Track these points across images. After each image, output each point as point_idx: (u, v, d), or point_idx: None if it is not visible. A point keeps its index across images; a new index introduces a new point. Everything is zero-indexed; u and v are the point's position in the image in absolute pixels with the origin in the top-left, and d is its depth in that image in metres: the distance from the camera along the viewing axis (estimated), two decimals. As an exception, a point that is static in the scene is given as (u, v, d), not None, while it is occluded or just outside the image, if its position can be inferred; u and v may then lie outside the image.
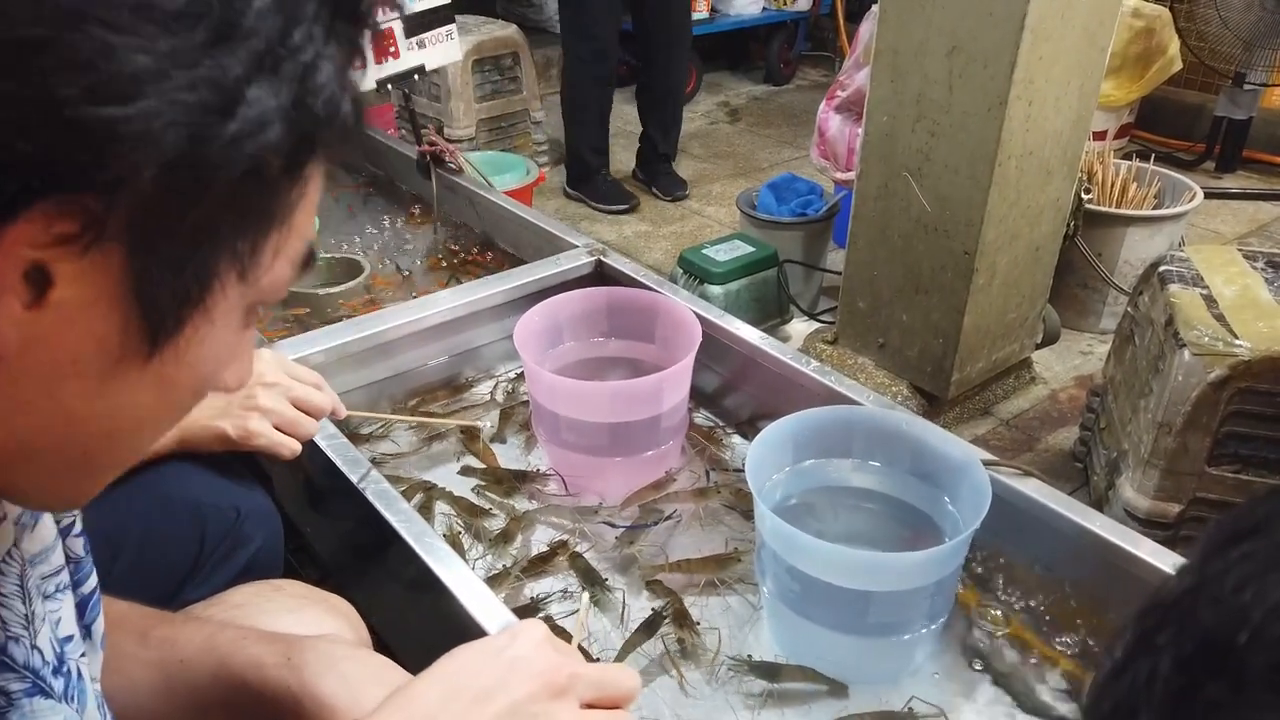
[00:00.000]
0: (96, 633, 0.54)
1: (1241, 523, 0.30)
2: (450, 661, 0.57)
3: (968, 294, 1.77)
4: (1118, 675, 0.30)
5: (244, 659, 0.66)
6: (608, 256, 1.50)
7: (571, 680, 0.56)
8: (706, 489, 1.24)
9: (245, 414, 0.93)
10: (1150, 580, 0.95)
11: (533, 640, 0.57)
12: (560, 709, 0.55)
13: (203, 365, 0.40)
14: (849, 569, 0.96)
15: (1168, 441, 1.47)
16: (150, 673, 0.67)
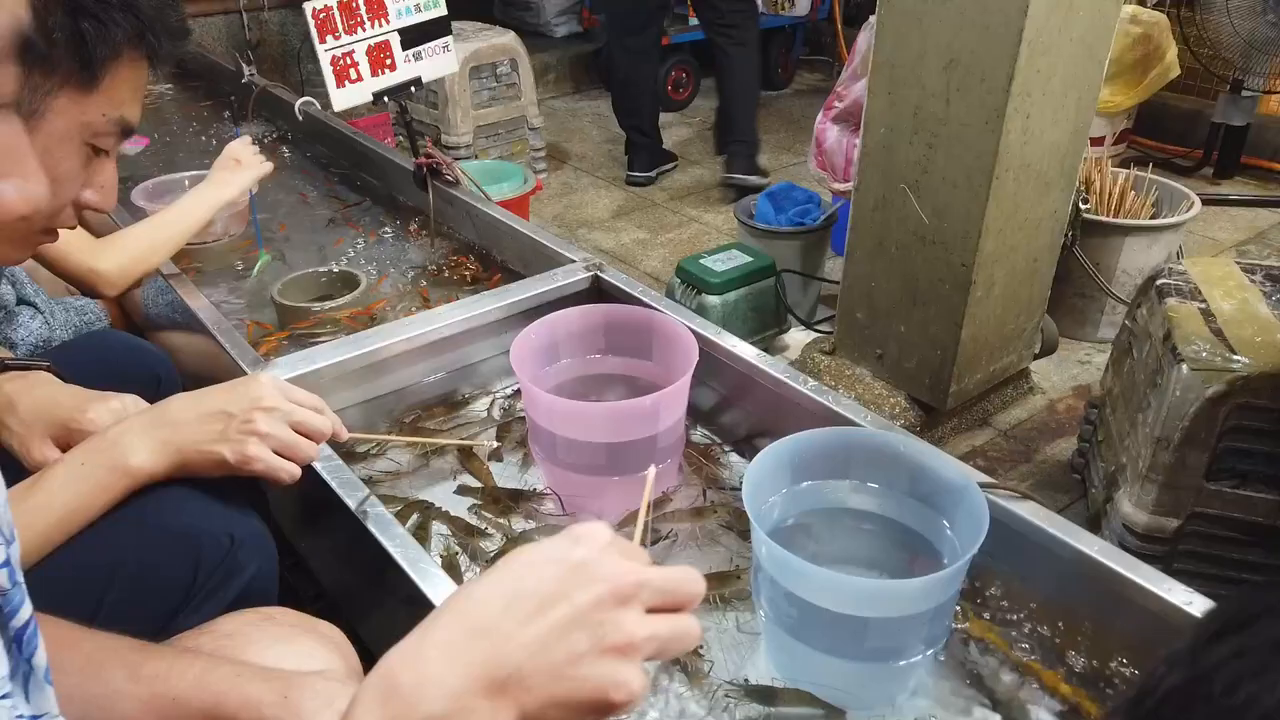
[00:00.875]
0: (39, 665, 0.52)
1: (1233, 615, 0.29)
2: (512, 566, 0.54)
3: (965, 306, 1.77)
4: None
5: (239, 698, 0.65)
6: (604, 271, 1.50)
7: (637, 587, 0.52)
8: (704, 508, 1.24)
9: (243, 438, 0.92)
10: (1147, 606, 0.95)
11: (598, 544, 0.54)
12: (625, 616, 0.52)
13: None
14: (846, 595, 0.95)
15: (1166, 456, 1.47)
16: (142, 709, 0.67)
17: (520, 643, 0.51)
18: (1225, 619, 0.29)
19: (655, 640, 0.52)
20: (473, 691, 0.49)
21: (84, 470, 0.88)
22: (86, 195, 0.80)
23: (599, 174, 3.38)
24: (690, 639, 0.55)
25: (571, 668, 0.50)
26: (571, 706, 0.51)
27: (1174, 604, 0.94)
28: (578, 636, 0.51)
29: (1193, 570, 1.51)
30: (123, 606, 0.87)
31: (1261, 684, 0.26)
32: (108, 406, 0.99)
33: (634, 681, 0.51)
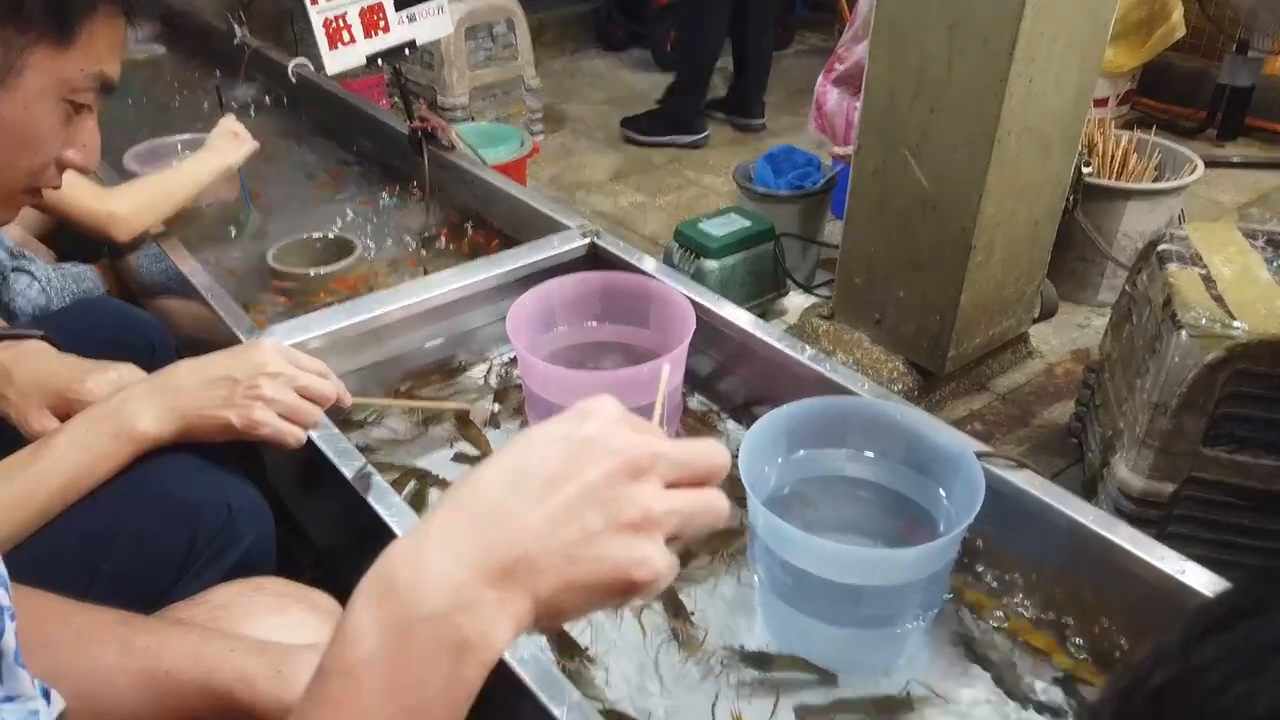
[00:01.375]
0: (7, 649, 0.50)
1: (1227, 611, 0.29)
2: (517, 446, 0.50)
3: (965, 271, 1.76)
4: None
5: (232, 671, 0.65)
6: (601, 238, 1.49)
7: (653, 459, 0.49)
8: None
9: (249, 404, 0.92)
10: (1141, 574, 0.96)
11: (608, 417, 0.50)
12: (640, 490, 0.48)
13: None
14: (841, 564, 0.96)
15: (1163, 422, 1.47)
16: (135, 683, 0.66)
17: (528, 525, 0.47)
18: (1218, 614, 0.29)
19: (676, 515, 0.49)
20: (478, 582, 0.46)
21: (88, 437, 0.89)
22: (69, 154, 0.80)
23: (597, 135, 3.35)
24: (716, 513, 0.51)
25: (586, 548, 0.47)
26: (590, 589, 0.47)
27: (1167, 572, 0.94)
28: (591, 514, 0.47)
29: (1187, 534, 1.52)
30: (120, 574, 0.88)
31: (1253, 685, 0.25)
32: (105, 377, 0.99)
33: (656, 558, 0.48)
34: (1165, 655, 0.29)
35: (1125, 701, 0.29)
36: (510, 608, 0.46)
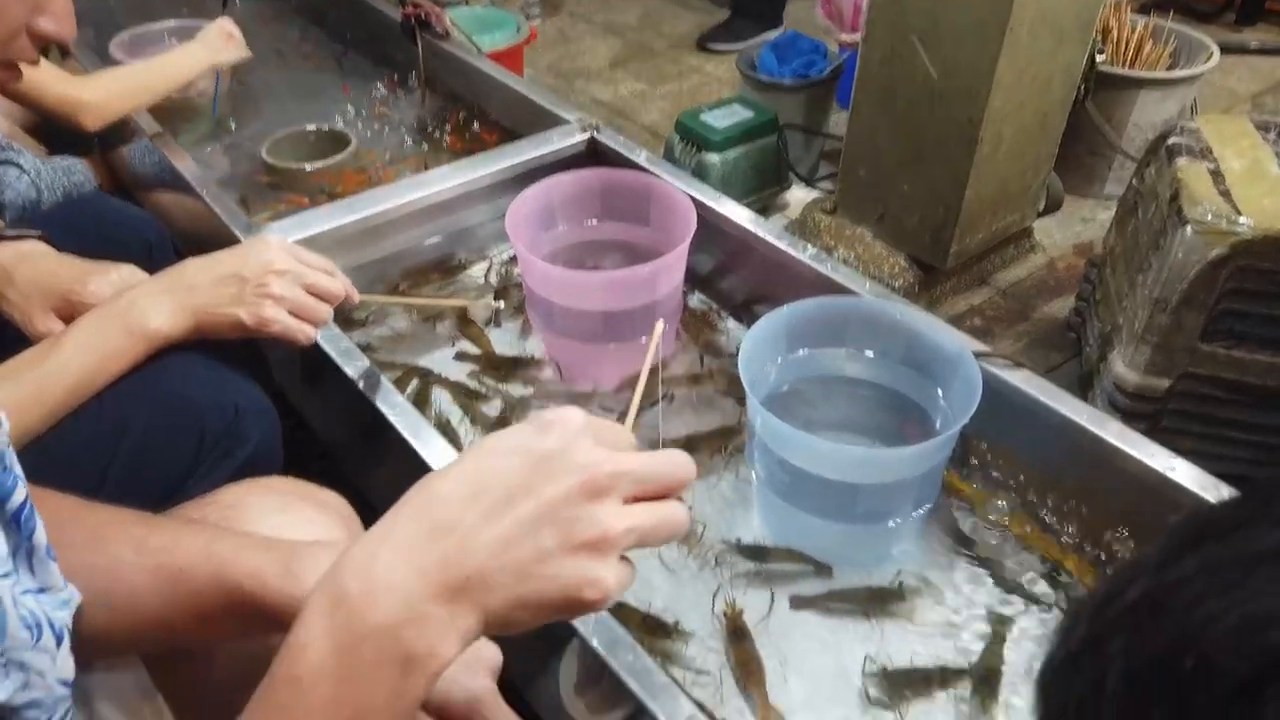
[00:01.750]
0: (39, 543, 0.51)
1: (1206, 525, 0.29)
2: (476, 457, 0.49)
3: (971, 164, 1.73)
4: (1070, 667, 0.29)
5: (244, 568, 0.66)
6: (601, 133, 1.46)
7: (613, 479, 0.48)
8: (700, 375, 1.25)
9: (259, 301, 0.92)
10: (1132, 471, 0.97)
11: (569, 431, 0.49)
12: (599, 510, 0.48)
13: None
14: (838, 463, 0.98)
15: (1162, 318, 1.47)
16: (149, 579, 0.68)
17: (481, 541, 0.47)
18: (1197, 529, 0.29)
19: (635, 533, 0.49)
20: (428, 597, 0.46)
21: (98, 336, 0.89)
22: (40, 22, 0.76)
23: (595, 20, 3.24)
24: (676, 527, 0.51)
25: (539, 566, 0.47)
26: (540, 606, 0.48)
27: (1157, 469, 0.96)
28: (546, 533, 0.47)
29: (1180, 429, 1.54)
30: (129, 475, 0.89)
31: (1224, 601, 0.25)
32: (107, 279, 0.99)
33: (607, 578, 0.48)
34: (1143, 569, 0.29)
35: (1100, 614, 0.29)
36: (459, 623, 0.46)
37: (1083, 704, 0.27)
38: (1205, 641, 0.25)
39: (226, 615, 0.66)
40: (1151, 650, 0.26)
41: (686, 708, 0.75)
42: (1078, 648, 0.29)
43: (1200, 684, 0.24)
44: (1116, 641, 0.27)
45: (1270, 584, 0.25)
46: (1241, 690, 0.23)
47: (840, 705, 0.94)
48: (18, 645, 0.47)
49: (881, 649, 0.98)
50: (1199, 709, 0.24)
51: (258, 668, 0.78)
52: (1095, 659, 0.27)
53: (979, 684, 0.95)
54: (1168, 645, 0.26)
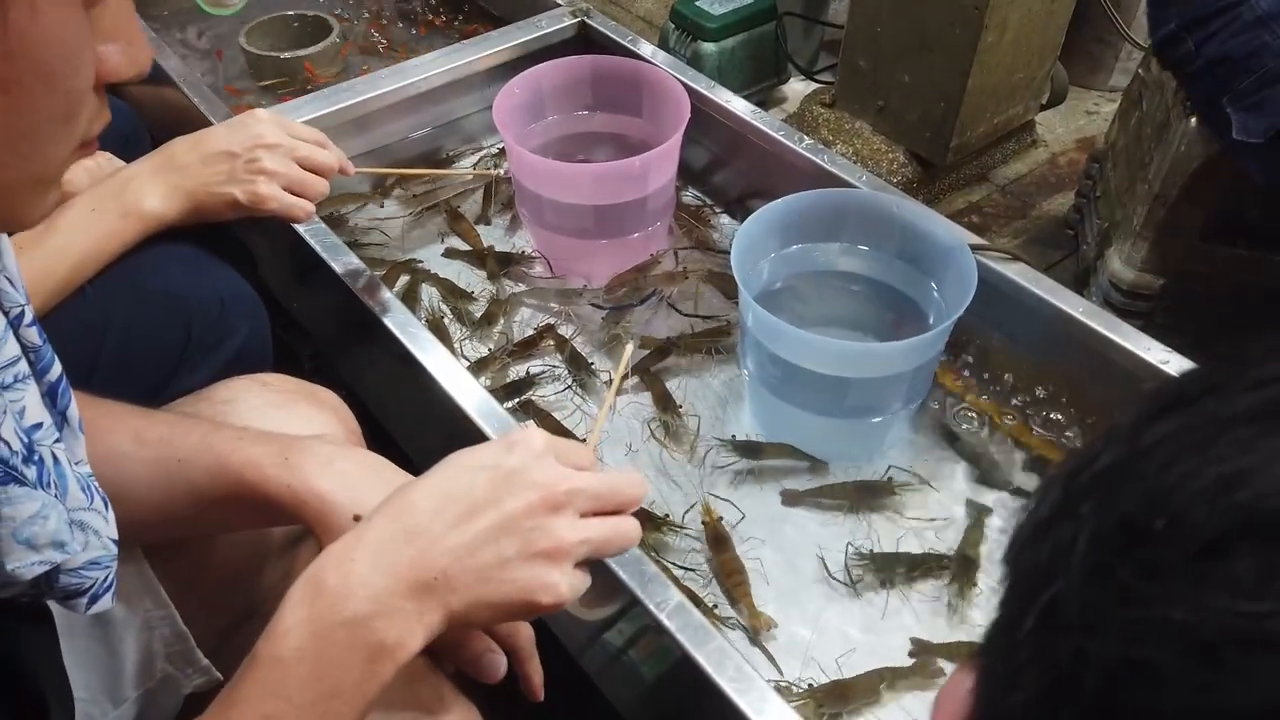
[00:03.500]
0: (73, 418, 0.54)
1: (1179, 392, 0.28)
2: (447, 471, 0.56)
3: (974, 53, 1.67)
4: (1040, 533, 0.29)
5: (241, 458, 0.67)
6: (591, 17, 1.40)
7: (570, 496, 0.55)
8: (675, 273, 1.23)
9: (252, 178, 0.90)
10: (1126, 365, 0.97)
11: (531, 451, 0.56)
12: (556, 522, 0.54)
13: (36, 53, 0.39)
14: (829, 357, 0.97)
15: (1161, 213, 1.45)
16: (149, 470, 0.69)
17: (447, 546, 0.52)
18: (1171, 395, 0.29)
19: (588, 544, 0.55)
20: (398, 592, 0.51)
21: (95, 216, 0.87)
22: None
23: (587, -100, 3.09)
24: (627, 540, 0.57)
25: (498, 571, 0.53)
26: (498, 607, 0.53)
27: (1151, 363, 0.96)
28: (505, 542, 0.53)
29: (1174, 326, 1.54)
30: (116, 371, 0.89)
31: (1195, 462, 0.25)
32: (83, 167, 0.96)
33: (561, 584, 0.54)
34: (1114, 436, 0.28)
35: (1072, 481, 0.29)
36: (425, 618, 0.52)
37: (1050, 568, 0.27)
38: (1175, 502, 0.25)
39: (225, 505, 0.67)
40: (1121, 512, 0.26)
41: (676, 596, 0.76)
42: (1048, 514, 0.29)
43: (1170, 542, 0.24)
44: (1087, 506, 0.27)
45: (1241, 444, 0.25)
46: (1211, 547, 0.24)
47: (825, 594, 0.96)
48: (78, 506, 0.51)
49: (868, 541, 0.99)
50: (1168, 567, 0.24)
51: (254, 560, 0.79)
52: (1065, 524, 0.27)
53: (958, 568, 0.96)
54: (1138, 507, 0.26)
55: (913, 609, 0.95)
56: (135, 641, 0.70)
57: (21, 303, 0.50)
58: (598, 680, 0.92)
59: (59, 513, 0.49)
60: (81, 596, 0.52)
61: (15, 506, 0.47)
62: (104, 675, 0.67)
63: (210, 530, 0.75)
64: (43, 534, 0.48)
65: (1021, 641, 0.27)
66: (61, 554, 0.50)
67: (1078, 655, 0.25)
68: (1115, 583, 0.25)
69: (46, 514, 0.48)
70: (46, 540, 0.49)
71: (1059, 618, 0.26)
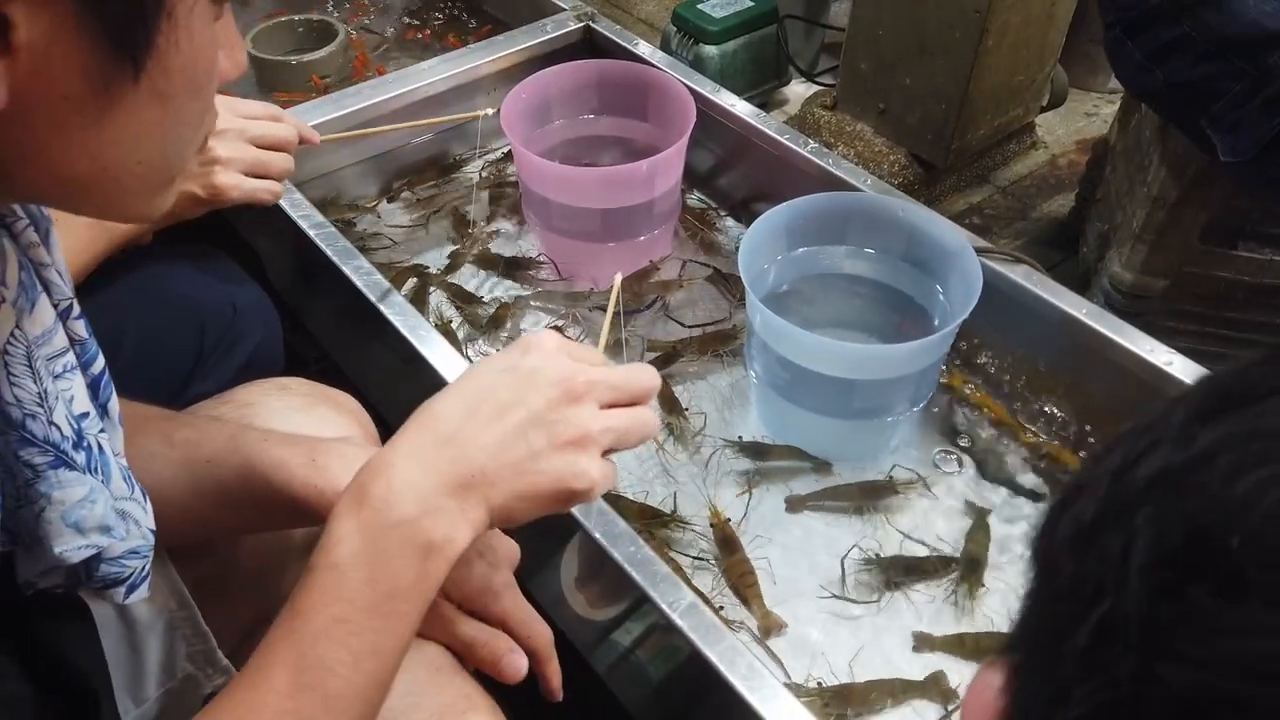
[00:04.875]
0: (113, 411, 0.56)
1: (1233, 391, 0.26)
2: (469, 379, 0.58)
3: (975, 56, 1.68)
4: (1084, 537, 0.27)
5: (269, 460, 0.67)
6: (597, 22, 1.41)
7: (589, 386, 0.57)
8: (669, 282, 1.24)
9: (207, 170, 0.87)
10: (1129, 367, 0.98)
11: (546, 350, 0.58)
12: (579, 412, 0.56)
13: (190, 68, 0.42)
14: (836, 360, 0.98)
15: (1160, 216, 1.46)
16: (178, 471, 0.69)
17: (481, 445, 0.55)
18: (1224, 394, 0.26)
19: (611, 432, 0.57)
20: (440, 491, 0.54)
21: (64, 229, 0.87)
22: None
23: (588, -97, 3.10)
24: (647, 428, 0.59)
25: (531, 463, 0.55)
26: (535, 498, 0.56)
27: (1154, 364, 0.97)
28: (534, 435, 0.55)
29: (1175, 328, 1.55)
30: (132, 376, 0.89)
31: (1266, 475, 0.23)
32: None
33: (592, 470, 0.56)
34: (1163, 435, 0.26)
35: (1118, 482, 0.27)
36: (469, 514, 0.54)
37: (1101, 580, 0.25)
38: (1249, 520, 0.23)
39: (253, 505, 0.68)
40: (1186, 526, 0.24)
41: (688, 596, 0.77)
42: (1093, 520, 0.27)
43: (1249, 563, 0.23)
44: (1141, 516, 0.25)
45: None
46: None
47: (831, 596, 0.97)
48: (121, 495, 0.53)
49: (873, 541, 1.00)
50: (1249, 590, 0.23)
51: (275, 561, 0.80)
52: (1114, 532, 0.26)
53: (965, 570, 0.97)
54: (1205, 522, 0.24)
55: (918, 610, 0.96)
56: (158, 641, 0.71)
57: (69, 296, 0.52)
58: (607, 679, 0.93)
59: (105, 498, 0.51)
60: (120, 585, 0.54)
61: (65, 490, 0.49)
62: (127, 675, 0.68)
63: (237, 531, 0.76)
64: (90, 518, 0.50)
65: (1071, 656, 0.26)
66: (108, 538, 0.51)
67: (1142, 676, 0.24)
68: (1186, 604, 0.23)
69: (94, 499, 0.50)
70: (94, 524, 0.50)
71: (1118, 636, 0.24)
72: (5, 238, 0.47)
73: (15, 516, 0.49)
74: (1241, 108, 1.16)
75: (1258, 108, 1.12)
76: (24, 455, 0.48)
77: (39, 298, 0.49)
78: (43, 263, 0.50)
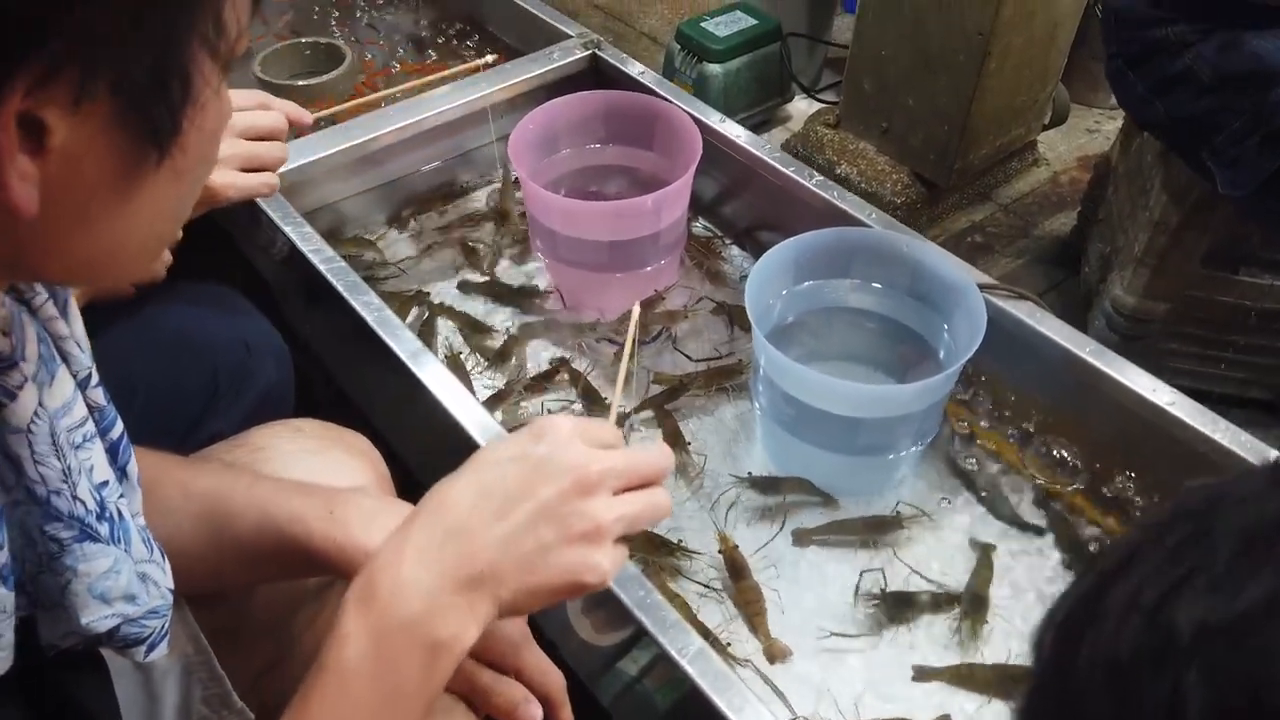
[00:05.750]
0: (132, 473, 0.56)
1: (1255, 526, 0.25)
2: (479, 466, 0.57)
3: (978, 78, 1.69)
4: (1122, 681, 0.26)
5: (287, 512, 0.68)
6: (603, 49, 1.42)
7: (602, 476, 0.55)
8: (675, 312, 1.25)
9: None
10: (1130, 406, 0.99)
11: (559, 439, 0.56)
12: (591, 504, 0.55)
13: (206, 142, 0.43)
14: (842, 398, 0.99)
15: (1163, 241, 1.47)
16: (196, 524, 0.70)
17: (490, 540, 0.54)
18: (1245, 532, 0.25)
19: (623, 520, 0.56)
20: (448, 589, 0.53)
21: None
22: None
23: (590, -87, 3.11)
24: (660, 512, 0.58)
25: (541, 558, 0.54)
26: (545, 591, 0.55)
27: (1157, 404, 0.98)
28: (545, 529, 0.54)
29: (1176, 350, 1.56)
30: (146, 417, 0.90)
31: None
32: None
33: (603, 563, 0.55)
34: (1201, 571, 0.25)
35: (1154, 624, 0.25)
36: (476, 611, 0.54)
37: None
38: None
39: (271, 557, 0.69)
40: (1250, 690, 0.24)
41: (696, 642, 0.78)
42: (1130, 660, 0.26)
43: None
44: (1193, 671, 0.24)
45: None
46: None
47: (836, 627, 0.98)
48: (141, 558, 0.53)
49: (878, 575, 1.01)
50: None
51: (288, 605, 0.81)
52: (1159, 682, 0.25)
53: (969, 607, 0.98)
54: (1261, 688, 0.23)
55: (922, 649, 0.97)
56: (175, 685, 0.72)
57: (89, 365, 0.53)
58: (612, 711, 0.94)
59: (129, 566, 0.52)
60: (140, 645, 0.55)
61: (90, 563, 0.50)
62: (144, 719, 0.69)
63: (254, 581, 0.76)
64: (115, 588, 0.51)
65: None
66: (132, 606, 0.52)
67: None
68: None
69: (119, 569, 0.51)
70: (119, 594, 0.51)
71: None
72: (24, 313, 0.48)
73: (36, 581, 0.50)
74: (1241, 144, 1.17)
75: (1257, 145, 1.13)
76: (49, 530, 0.49)
77: (58, 370, 0.50)
78: (61, 335, 0.51)
